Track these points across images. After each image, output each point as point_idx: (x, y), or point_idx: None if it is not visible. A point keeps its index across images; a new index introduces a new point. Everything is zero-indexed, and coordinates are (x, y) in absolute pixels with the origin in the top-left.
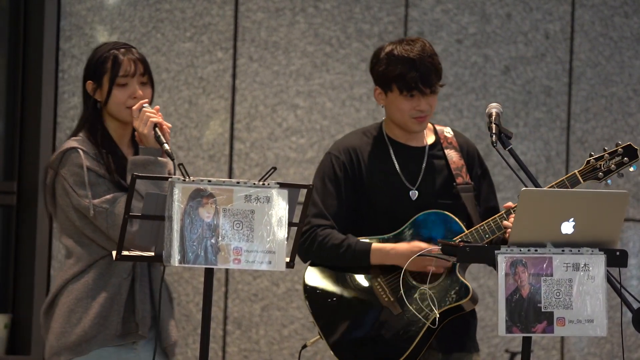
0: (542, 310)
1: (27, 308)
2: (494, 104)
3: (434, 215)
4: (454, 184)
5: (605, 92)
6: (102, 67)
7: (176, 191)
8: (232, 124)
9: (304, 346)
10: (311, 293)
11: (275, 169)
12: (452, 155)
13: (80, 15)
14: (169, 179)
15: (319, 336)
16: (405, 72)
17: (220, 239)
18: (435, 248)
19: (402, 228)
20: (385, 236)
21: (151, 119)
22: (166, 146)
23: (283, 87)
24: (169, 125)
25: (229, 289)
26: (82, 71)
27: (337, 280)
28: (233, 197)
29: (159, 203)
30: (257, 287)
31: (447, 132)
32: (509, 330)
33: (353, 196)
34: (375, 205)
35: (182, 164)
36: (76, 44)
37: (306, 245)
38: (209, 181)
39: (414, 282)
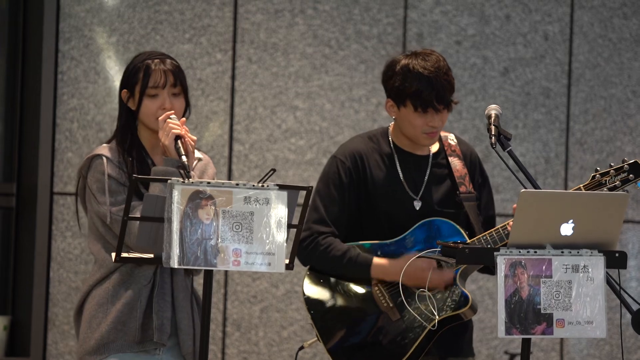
0: (542, 311)
1: (26, 310)
2: (493, 106)
3: (437, 223)
4: (457, 192)
5: (604, 94)
6: (135, 76)
7: (175, 193)
8: (231, 125)
9: (301, 347)
10: (310, 296)
11: (274, 170)
12: (455, 163)
13: (79, 16)
14: (168, 181)
15: (316, 338)
16: (422, 90)
17: (219, 240)
18: (429, 252)
19: (404, 235)
20: (388, 242)
21: (173, 131)
22: (184, 158)
23: (282, 89)
24: (194, 138)
25: (228, 290)
26: (81, 73)
27: (336, 285)
28: (232, 198)
29: (158, 205)
30: (256, 288)
31: (451, 139)
32: (508, 332)
33: (356, 202)
34: (379, 212)
35: (181, 166)
36: (75, 45)
37: (307, 252)
38: (208, 183)
39: (413, 289)
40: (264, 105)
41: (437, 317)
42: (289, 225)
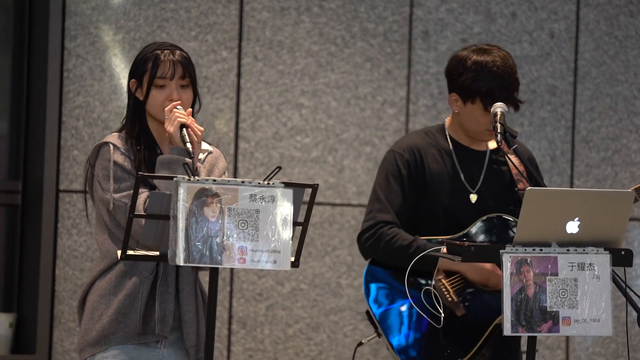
0: (548, 309)
1: (32, 307)
2: (499, 103)
3: (497, 219)
4: (516, 189)
5: (610, 91)
6: (143, 66)
7: (181, 190)
8: (237, 123)
9: (360, 343)
10: (371, 291)
11: (280, 168)
12: (513, 160)
13: (85, 14)
14: (174, 179)
15: (375, 335)
16: (494, 90)
17: (225, 238)
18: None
19: (466, 230)
20: (456, 236)
21: (178, 119)
22: (188, 146)
23: (288, 87)
24: (201, 128)
25: (233, 288)
26: (87, 70)
27: (397, 279)
28: (238, 196)
29: (164, 202)
30: (262, 286)
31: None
32: (514, 329)
33: (415, 194)
34: (436, 206)
35: (187, 164)
36: (81, 43)
37: (371, 242)
38: (214, 180)
39: (478, 285)
40: (269, 103)
41: (442, 315)
42: (295, 223)
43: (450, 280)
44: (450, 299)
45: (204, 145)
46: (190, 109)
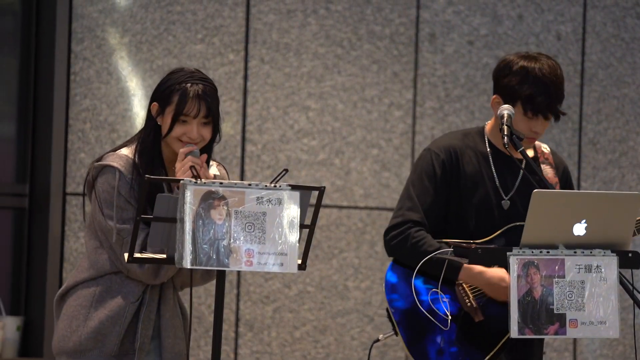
0: (555, 311)
1: (39, 310)
2: (505, 106)
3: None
4: None
5: (617, 94)
6: (169, 97)
7: (188, 193)
8: (243, 126)
9: (377, 340)
10: (392, 291)
11: (287, 171)
12: (547, 171)
13: (91, 17)
14: (181, 181)
15: (392, 332)
16: (536, 95)
17: (232, 241)
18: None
19: (492, 236)
20: (480, 241)
21: (190, 170)
22: None
23: (294, 89)
24: (210, 175)
25: (240, 291)
26: (93, 73)
27: (421, 281)
28: (245, 199)
29: (170, 205)
30: (268, 289)
31: (545, 148)
32: (521, 332)
33: (447, 195)
34: (467, 208)
35: (193, 167)
36: (88, 46)
37: (397, 241)
38: (221, 183)
39: (499, 301)
40: (276, 106)
41: (449, 317)
42: (302, 226)
43: (471, 286)
44: (469, 304)
45: (212, 170)
46: (205, 155)
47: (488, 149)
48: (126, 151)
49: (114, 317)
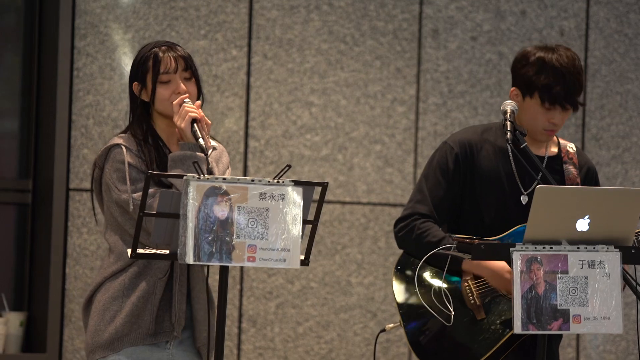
0: (558, 307)
1: (42, 306)
2: (508, 102)
3: None
4: None
5: (620, 89)
6: (144, 66)
7: (191, 189)
8: (246, 121)
9: (383, 330)
10: (399, 282)
11: (289, 166)
12: (570, 170)
13: (95, 13)
14: (184, 177)
15: (399, 323)
16: (553, 85)
17: (234, 236)
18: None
19: (504, 234)
20: (493, 239)
21: (189, 114)
22: (201, 141)
23: (297, 85)
24: (209, 122)
25: (243, 286)
26: (97, 69)
27: (424, 278)
28: (248, 194)
29: (173, 201)
30: (272, 284)
31: (570, 147)
32: (524, 327)
33: (460, 189)
34: (481, 203)
35: (196, 162)
36: (91, 42)
37: (404, 233)
38: (224, 179)
39: (503, 291)
40: (279, 102)
41: (452, 312)
42: (305, 221)
43: (477, 282)
44: (472, 301)
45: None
46: (199, 102)
47: (509, 144)
48: (122, 134)
49: (144, 296)
